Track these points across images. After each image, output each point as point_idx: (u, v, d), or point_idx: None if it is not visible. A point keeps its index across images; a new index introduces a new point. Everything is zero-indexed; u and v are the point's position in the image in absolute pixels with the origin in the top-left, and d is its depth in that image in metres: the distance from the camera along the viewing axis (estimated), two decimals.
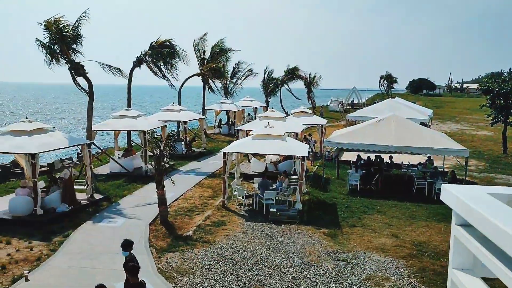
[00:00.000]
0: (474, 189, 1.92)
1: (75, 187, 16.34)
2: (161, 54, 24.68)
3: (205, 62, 38.32)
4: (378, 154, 23.16)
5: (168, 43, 25.08)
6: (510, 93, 29.02)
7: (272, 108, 29.29)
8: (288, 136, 18.59)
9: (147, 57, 24.97)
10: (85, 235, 13.32)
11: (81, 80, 19.60)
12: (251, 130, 19.39)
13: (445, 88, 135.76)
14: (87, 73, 19.31)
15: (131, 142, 26.28)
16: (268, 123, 18.49)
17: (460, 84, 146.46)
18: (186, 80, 34.14)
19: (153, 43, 24.99)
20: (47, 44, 18.66)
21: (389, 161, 22.99)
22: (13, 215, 14.27)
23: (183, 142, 27.24)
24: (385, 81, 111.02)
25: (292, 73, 58.24)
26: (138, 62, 25.04)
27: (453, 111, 67.07)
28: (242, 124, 33.50)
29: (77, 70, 19.11)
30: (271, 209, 15.33)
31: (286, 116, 27.75)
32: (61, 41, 18.43)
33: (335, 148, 22.62)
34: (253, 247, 12.60)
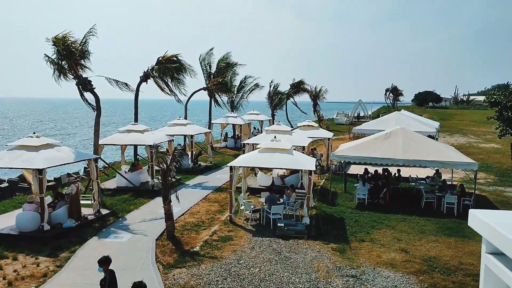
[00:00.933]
0: (505, 215, 1.83)
1: (82, 202, 16.33)
2: (168, 69, 24.82)
3: (211, 76, 38.51)
4: (385, 167, 23.00)
5: (175, 58, 25.24)
6: None
7: (279, 121, 29.26)
8: (294, 149, 18.51)
9: (154, 72, 25.13)
10: (91, 251, 13.24)
11: (88, 95, 19.72)
12: (258, 144, 19.33)
13: (451, 101, 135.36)
14: (94, 88, 19.43)
15: (138, 156, 26.32)
16: (275, 136, 18.44)
17: (466, 97, 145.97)
18: (192, 94, 34.29)
19: (160, 58, 25.16)
20: (55, 60, 18.83)
21: (396, 175, 22.81)
22: (20, 231, 14.25)
23: (189, 156, 27.22)
24: (391, 94, 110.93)
25: (298, 87, 58.38)
26: (145, 77, 25.20)
27: (460, 124, 66.69)
28: (248, 138, 33.49)
29: (84, 85, 19.23)
30: (278, 224, 15.19)
31: (292, 130, 27.70)
32: (69, 57, 18.59)
33: (342, 162, 22.48)
34: (261, 262, 12.45)
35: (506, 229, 1.59)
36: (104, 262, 8.62)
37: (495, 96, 30.62)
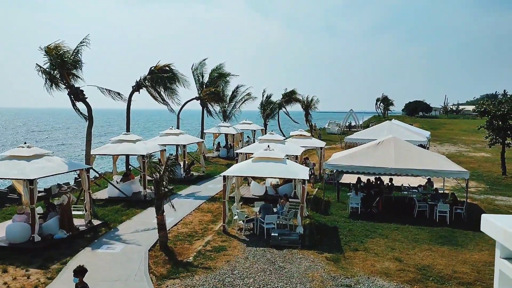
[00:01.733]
0: None
1: (73, 212, 16.14)
2: (161, 79, 24.81)
3: (204, 86, 38.55)
4: (378, 176, 23.08)
5: (167, 68, 25.26)
6: (507, 115, 29.19)
7: (272, 131, 29.30)
8: (287, 159, 18.52)
9: (146, 81, 25.10)
10: (83, 262, 12.91)
11: (80, 105, 19.62)
12: (251, 153, 19.32)
13: (441, 110, 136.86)
14: (86, 98, 19.33)
15: (130, 166, 26.15)
16: (268, 146, 18.45)
17: (455, 106, 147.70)
18: (185, 104, 34.27)
19: (153, 68, 25.16)
20: (47, 69, 18.73)
21: (389, 183, 22.89)
22: (10, 242, 14.02)
23: (181, 166, 27.10)
24: (381, 104, 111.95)
25: (290, 96, 58.64)
26: (137, 87, 25.16)
27: (450, 133, 67.35)
28: (241, 147, 33.45)
29: (76, 95, 19.14)
30: (272, 234, 15.12)
31: (285, 139, 27.74)
32: (61, 67, 18.51)
33: (335, 171, 22.53)
34: (255, 273, 12.37)
35: None
36: (80, 272, 8.39)
37: (484, 106, 31.01)
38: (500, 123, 29.52)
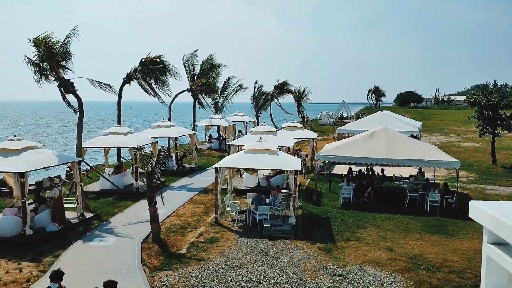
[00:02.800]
0: (506, 205, 1.86)
1: (65, 205, 16.05)
2: (152, 71, 24.63)
3: (195, 77, 38.35)
4: (369, 167, 23.22)
5: (158, 60, 25.06)
6: (497, 105, 29.43)
7: (264, 122, 29.30)
8: (280, 150, 18.55)
9: (137, 73, 24.90)
10: (76, 255, 13.04)
11: (71, 97, 19.44)
12: (243, 145, 19.32)
13: (432, 101, 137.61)
14: (76, 90, 19.16)
15: (122, 159, 26.03)
16: (260, 137, 18.44)
17: (446, 97, 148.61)
18: (176, 96, 34.10)
19: (143, 60, 24.96)
20: (36, 61, 18.51)
21: (380, 174, 23.04)
22: (1, 236, 13.93)
23: (173, 158, 27.04)
24: (373, 95, 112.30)
25: (282, 88, 58.53)
26: (128, 79, 24.95)
27: (441, 123, 67.83)
28: (233, 139, 33.44)
29: (66, 87, 18.95)
30: (265, 225, 15.18)
31: (277, 131, 27.75)
32: (50, 59, 18.29)
33: (327, 162, 22.62)
34: (248, 263, 12.43)
35: (508, 218, 1.60)
36: (57, 277, 8.07)
37: (475, 96, 31.23)
38: (490, 113, 29.76)
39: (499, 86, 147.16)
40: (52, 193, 16.21)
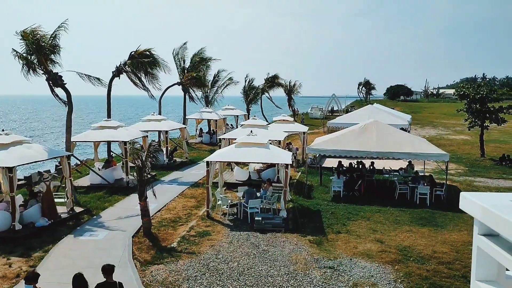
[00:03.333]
0: (496, 196, 1.88)
1: (55, 200, 15.93)
2: (142, 64, 24.43)
3: (185, 71, 38.15)
4: (359, 160, 23.35)
5: (148, 53, 24.87)
6: (485, 98, 29.72)
7: (255, 116, 29.28)
8: (271, 144, 18.56)
9: (127, 67, 24.69)
10: (66, 249, 12.97)
11: (60, 91, 19.23)
12: (234, 139, 19.30)
13: (422, 94, 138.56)
14: (65, 83, 18.95)
15: (112, 153, 25.87)
16: (251, 131, 18.44)
17: (436, 90, 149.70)
18: (166, 89, 33.90)
19: (133, 53, 24.74)
20: (24, 54, 18.26)
21: (370, 167, 23.19)
22: None
23: (164, 152, 26.94)
24: (363, 88, 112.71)
25: (272, 81, 58.51)
26: (117, 72, 24.74)
27: (430, 116, 68.36)
28: (224, 133, 33.40)
29: (55, 81, 18.74)
30: (256, 218, 15.23)
31: (268, 124, 27.75)
32: (38, 52, 18.06)
33: (317, 155, 22.70)
34: (239, 256, 12.46)
35: (499, 210, 1.63)
36: (32, 278, 7.87)
37: (464, 89, 31.49)
38: (479, 106, 30.05)
39: (487, 79, 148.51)
40: (40, 187, 16.07)
